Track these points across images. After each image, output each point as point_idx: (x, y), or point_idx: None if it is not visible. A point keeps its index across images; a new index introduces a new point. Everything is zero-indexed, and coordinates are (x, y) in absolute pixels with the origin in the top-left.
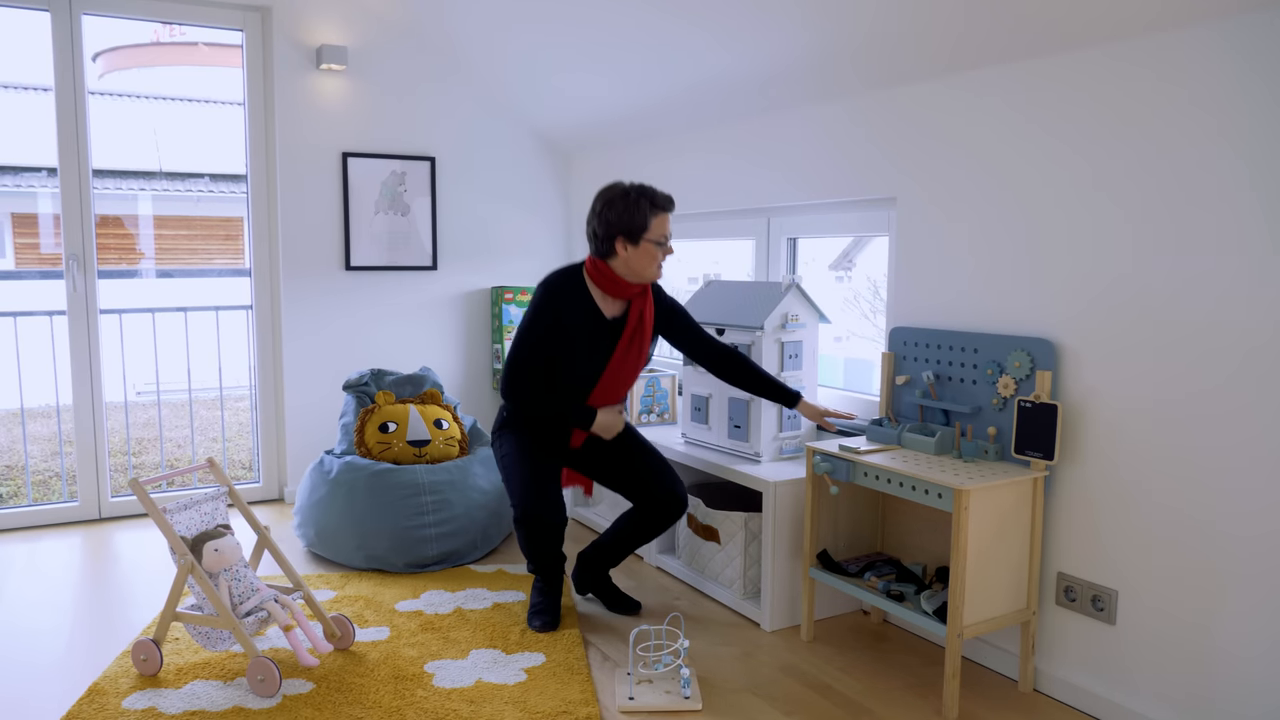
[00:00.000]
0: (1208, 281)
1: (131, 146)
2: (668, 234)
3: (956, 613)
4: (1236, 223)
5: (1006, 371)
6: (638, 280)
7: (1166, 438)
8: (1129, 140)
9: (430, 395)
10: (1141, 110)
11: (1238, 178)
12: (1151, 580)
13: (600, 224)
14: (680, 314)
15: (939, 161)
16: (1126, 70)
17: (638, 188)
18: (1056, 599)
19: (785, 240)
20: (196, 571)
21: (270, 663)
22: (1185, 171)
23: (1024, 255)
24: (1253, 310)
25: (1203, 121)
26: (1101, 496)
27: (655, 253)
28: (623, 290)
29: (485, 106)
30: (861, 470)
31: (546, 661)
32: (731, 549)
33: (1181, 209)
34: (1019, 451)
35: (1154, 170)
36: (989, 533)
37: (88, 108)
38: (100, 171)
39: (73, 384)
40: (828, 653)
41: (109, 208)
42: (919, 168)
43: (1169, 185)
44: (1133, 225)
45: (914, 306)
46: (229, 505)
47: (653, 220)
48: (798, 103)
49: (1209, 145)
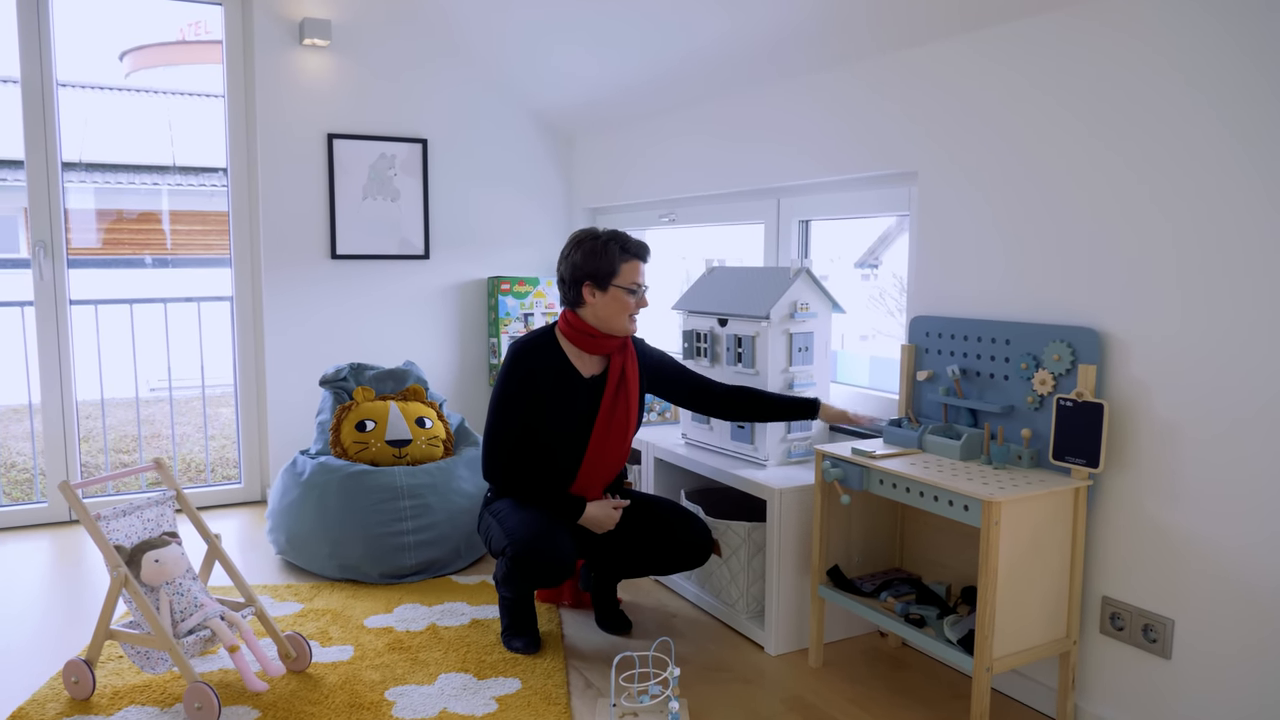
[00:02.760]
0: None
1: (150, 142)
2: (640, 282)
3: (985, 643)
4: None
5: (1043, 365)
6: (609, 331)
7: (1232, 441)
8: (1188, 100)
9: (413, 391)
10: (1207, 62)
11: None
12: (1213, 608)
13: (567, 267)
14: (668, 364)
15: (964, 130)
16: (1189, 16)
17: (610, 232)
18: (1101, 627)
19: (797, 223)
20: (130, 585)
21: (208, 689)
22: (1254, 134)
23: (1063, 233)
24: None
25: (1275, 76)
26: (1155, 510)
27: (625, 301)
28: (599, 345)
29: (480, 84)
30: (877, 477)
31: (522, 689)
32: (734, 563)
33: (1249, 177)
34: (1058, 457)
35: (1217, 134)
36: (1023, 550)
37: (56, 90)
38: (123, 166)
39: (40, 379)
40: (838, 682)
41: (136, 203)
42: (942, 138)
43: (1233, 152)
44: (1190, 196)
45: (938, 293)
46: (177, 510)
47: (622, 265)
48: (807, 69)
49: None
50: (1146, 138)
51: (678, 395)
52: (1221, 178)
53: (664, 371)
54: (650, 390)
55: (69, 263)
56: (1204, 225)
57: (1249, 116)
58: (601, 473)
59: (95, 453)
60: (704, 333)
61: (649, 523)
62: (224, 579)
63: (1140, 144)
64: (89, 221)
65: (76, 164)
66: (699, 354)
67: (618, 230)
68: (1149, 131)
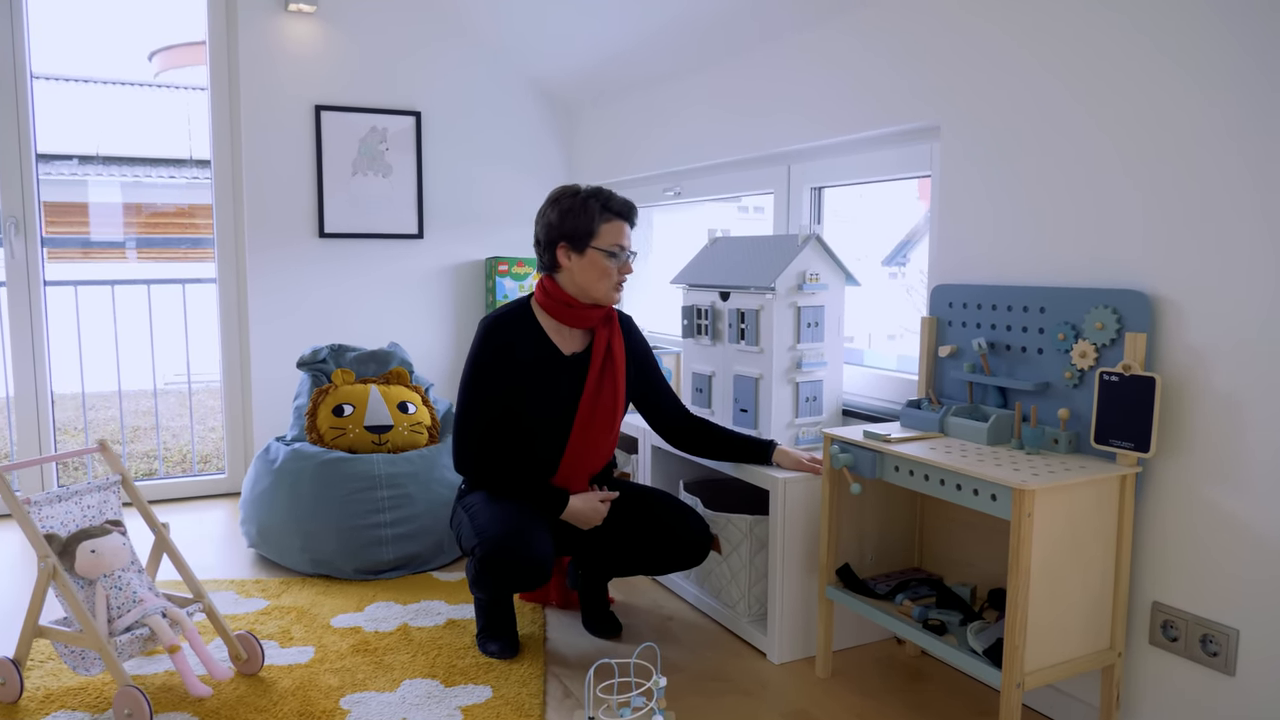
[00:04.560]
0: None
1: (176, 137)
2: (623, 244)
3: (1014, 655)
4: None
5: (1084, 335)
6: (588, 300)
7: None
8: (1259, 20)
9: (396, 374)
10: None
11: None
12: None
13: (542, 227)
14: (651, 362)
15: (990, 77)
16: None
17: (591, 189)
18: (1151, 637)
19: (809, 191)
20: (59, 577)
21: (139, 693)
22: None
23: (1106, 182)
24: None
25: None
26: (1216, 500)
27: (605, 266)
28: (579, 317)
29: (477, 53)
30: (891, 463)
31: (492, 698)
32: (735, 561)
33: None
34: (1100, 440)
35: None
36: (1059, 547)
37: (28, 54)
38: (157, 161)
39: (13, 365)
40: (847, 694)
41: (170, 197)
42: (966, 87)
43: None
44: (1260, 132)
45: (962, 258)
46: (127, 503)
47: (602, 225)
48: (815, 20)
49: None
50: (1210, 65)
51: (643, 401)
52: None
53: (644, 367)
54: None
55: (124, 245)
56: (1271, 165)
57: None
58: (587, 462)
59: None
60: (704, 308)
61: (640, 517)
62: (213, 572)
63: (1202, 73)
64: (115, 215)
65: (94, 157)
66: (700, 331)
67: (601, 187)
68: (1214, 57)
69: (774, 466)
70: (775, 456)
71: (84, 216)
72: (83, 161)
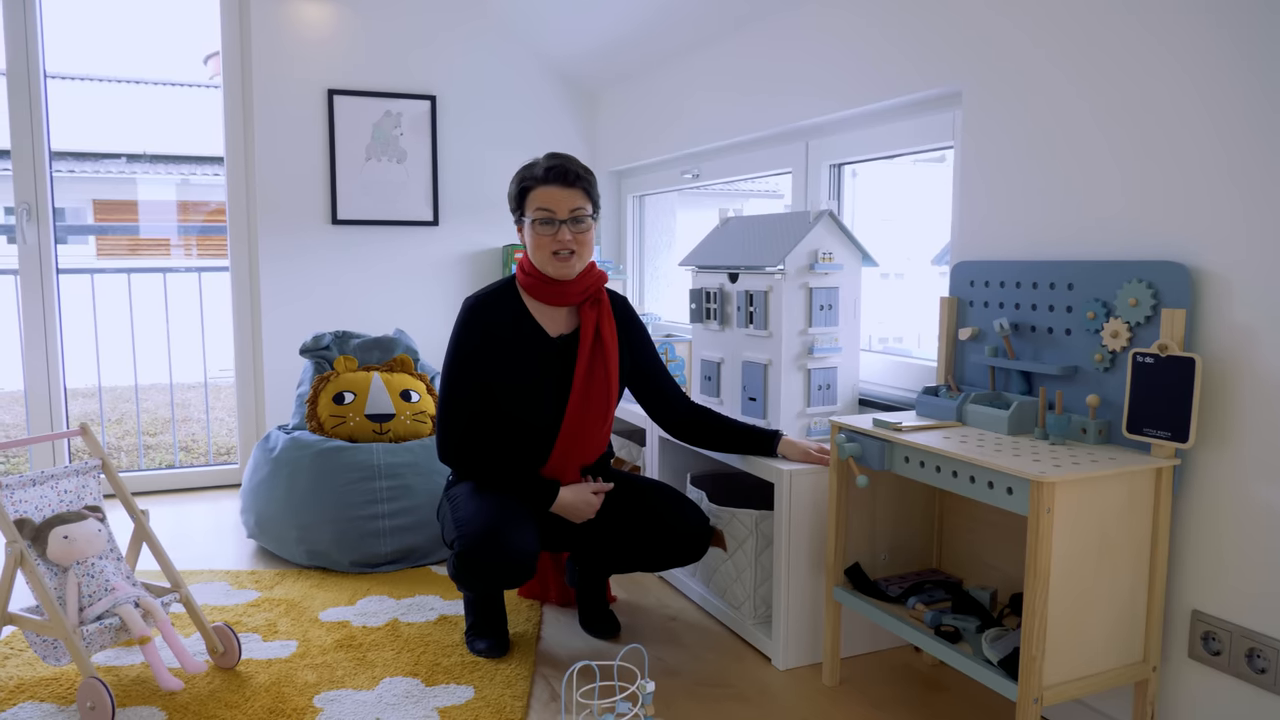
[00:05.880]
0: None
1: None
2: (549, 209)
3: (1032, 666)
4: None
5: (1116, 314)
6: (551, 276)
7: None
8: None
9: (400, 362)
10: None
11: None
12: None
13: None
14: (648, 345)
15: (1015, 34)
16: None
17: (543, 157)
18: (1190, 650)
19: (828, 168)
20: (26, 562)
21: (101, 685)
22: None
23: (1141, 142)
24: None
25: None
26: (1264, 497)
27: (539, 235)
28: (559, 294)
29: (494, 35)
30: (901, 454)
31: (473, 699)
32: (740, 558)
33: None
34: (1134, 429)
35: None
36: (1085, 547)
37: (41, 37)
38: (203, 159)
39: (24, 355)
40: (855, 705)
41: (218, 195)
42: (989, 50)
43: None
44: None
45: (986, 233)
46: (109, 495)
47: (530, 194)
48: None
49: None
50: (1268, 10)
51: (640, 389)
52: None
53: (640, 350)
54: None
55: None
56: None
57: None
58: (579, 452)
59: (117, 436)
60: (713, 291)
61: (636, 509)
62: (211, 563)
63: (1255, 21)
64: (162, 211)
65: (141, 156)
66: (708, 316)
67: (557, 153)
68: (1244, 19)
69: (779, 458)
70: (780, 447)
71: (133, 213)
72: (130, 160)
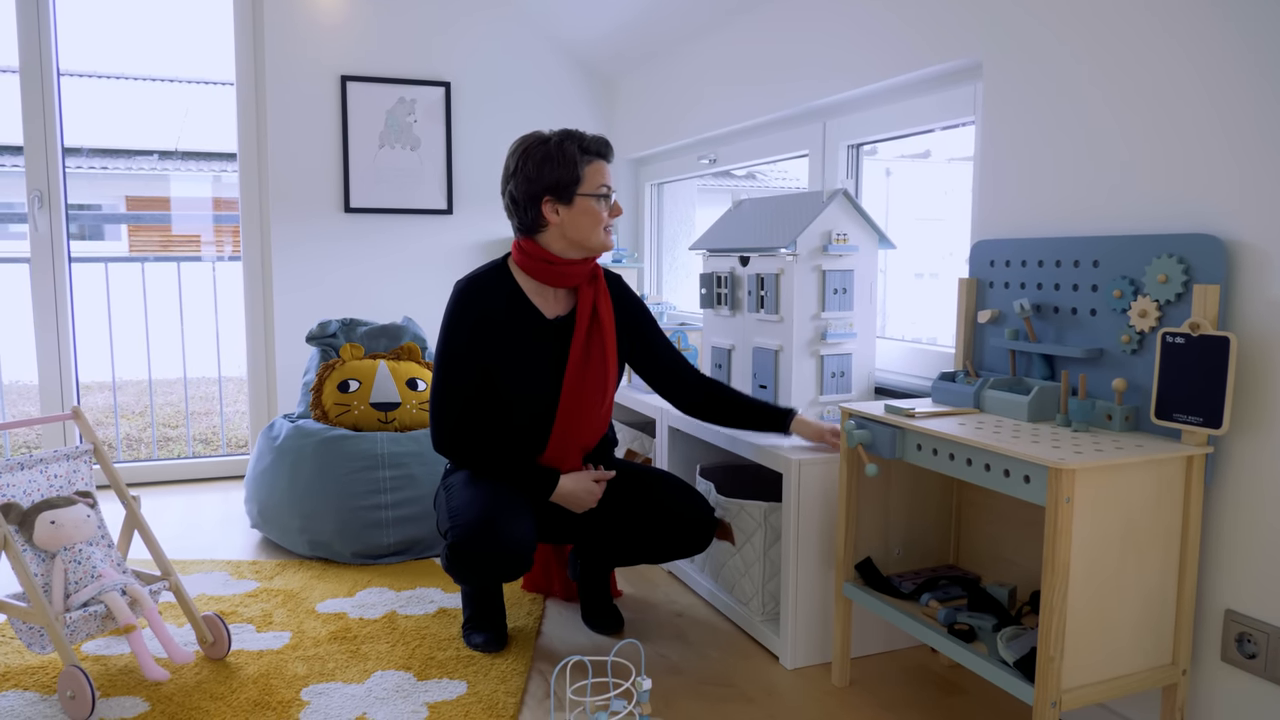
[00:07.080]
0: None
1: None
2: (608, 184)
3: (1049, 668)
4: None
5: (1144, 291)
6: (583, 253)
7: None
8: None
9: (407, 350)
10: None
11: None
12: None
13: (519, 185)
14: (648, 320)
15: (1036, 3)
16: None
17: (560, 132)
18: (1223, 653)
19: (845, 149)
20: (9, 547)
21: (81, 674)
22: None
23: (1171, 109)
24: None
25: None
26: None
27: (597, 211)
28: (562, 275)
29: (509, 20)
30: (913, 441)
31: (465, 694)
32: (749, 552)
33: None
34: (1163, 415)
35: None
36: (1108, 540)
37: (54, 24)
38: (221, 155)
39: (36, 345)
40: (865, 707)
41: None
42: (1009, 17)
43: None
44: None
45: (1007, 210)
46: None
47: (586, 169)
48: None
49: None
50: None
51: (646, 366)
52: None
53: (641, 327)
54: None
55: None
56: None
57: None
58: (578, 436)
59: (139, 429)
60: (724, 275)
61: (638, 498)
62: (214, 553)
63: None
64: (193, 206)
65: (174, 152)
66: (719, 301)
67: (570, 129)
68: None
69: (791, 436)
70: (794, 426)
71: (165, 209)
72: (162, 157)
